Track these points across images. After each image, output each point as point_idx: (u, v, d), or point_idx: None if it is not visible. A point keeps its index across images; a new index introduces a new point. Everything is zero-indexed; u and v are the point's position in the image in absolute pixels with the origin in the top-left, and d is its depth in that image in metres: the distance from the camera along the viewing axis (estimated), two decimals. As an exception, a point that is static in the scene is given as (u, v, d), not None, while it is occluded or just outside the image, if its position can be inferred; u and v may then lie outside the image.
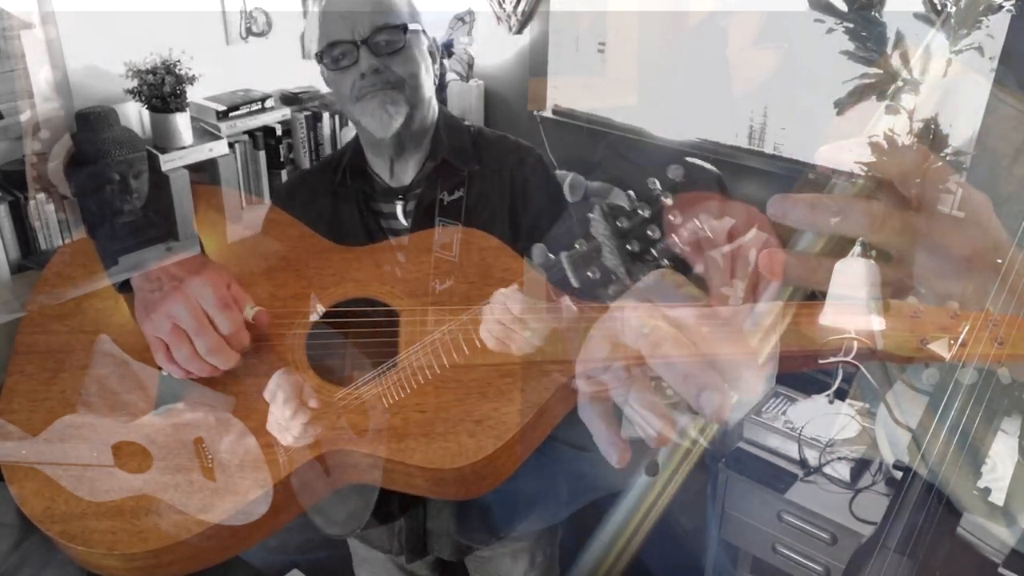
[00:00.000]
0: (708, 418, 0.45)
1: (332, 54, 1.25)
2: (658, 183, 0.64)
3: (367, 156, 1.33)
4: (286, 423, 1.00)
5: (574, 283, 0.76)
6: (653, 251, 0.67)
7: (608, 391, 0.62)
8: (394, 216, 1.30)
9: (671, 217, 0.58)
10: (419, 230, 1.24)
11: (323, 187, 1.33)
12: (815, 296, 0.50)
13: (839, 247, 0.48)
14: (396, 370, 1.04)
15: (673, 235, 0.55)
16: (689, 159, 0.59)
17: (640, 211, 0.69)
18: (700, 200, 0.57)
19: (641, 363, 0.48)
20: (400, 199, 1.30)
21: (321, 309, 1.10)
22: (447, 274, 1.11)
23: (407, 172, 1.31)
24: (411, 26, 1.25)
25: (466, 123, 1.39)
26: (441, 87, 3.16)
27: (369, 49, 1.21)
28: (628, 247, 0.68)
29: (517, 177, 1.32)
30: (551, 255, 0.88)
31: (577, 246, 0.76)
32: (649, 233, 0.67)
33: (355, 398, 1.05)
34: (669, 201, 0.57)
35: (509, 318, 0.98)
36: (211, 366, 1.02)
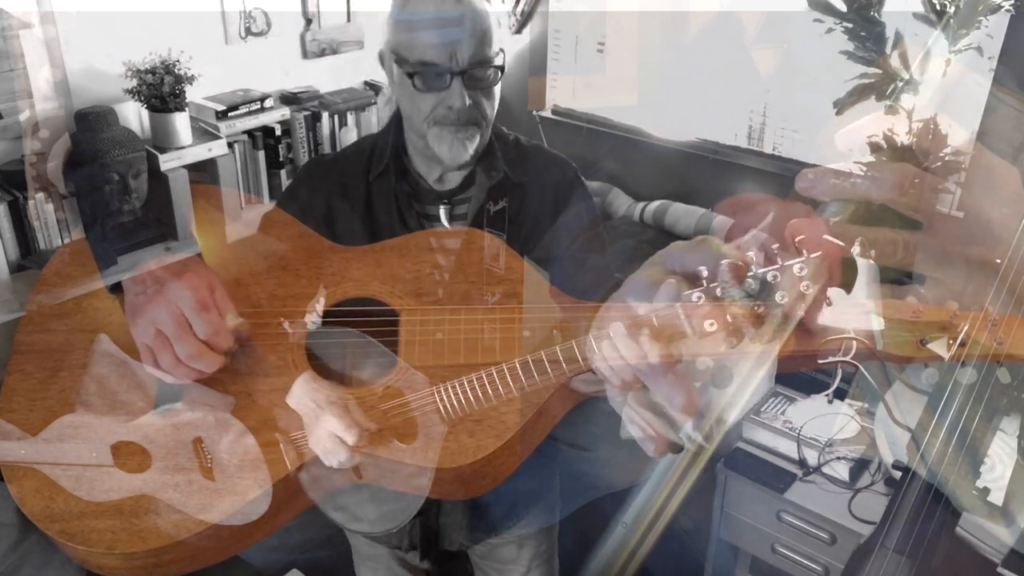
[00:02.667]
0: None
1: (423, 75, 1.19)
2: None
3: (413, 160, 1.31)
4: (342, 449, 0.98)
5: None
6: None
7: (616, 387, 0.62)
8: (438, 219, 1.29)
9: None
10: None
11: (357, 177, 1.30)
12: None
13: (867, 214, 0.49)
14: (399, 370, 1.04)
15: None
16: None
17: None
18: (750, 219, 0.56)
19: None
20: (445, 203, 1.29)
21: (320, 308, 1.09)
22: (496, 284, 1.09)
23: (455, 178, 1.30)
24: (502, 64, 1.22)
25: (511, 135, 1.38)
26: (441, 87, 3.16)
27: (463, 82, 1.19)
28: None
29: (558, 191, 1.32)
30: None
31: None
32: None
33: (354, 396, 1.04)
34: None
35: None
36: (195, 371, 1.02)
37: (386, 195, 1.29)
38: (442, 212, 1.29)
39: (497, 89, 1.24)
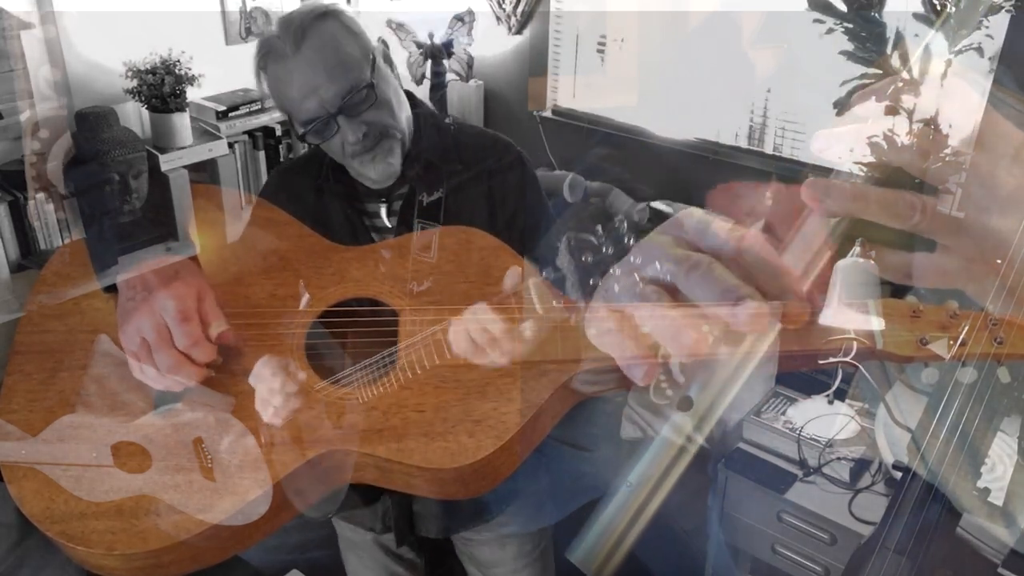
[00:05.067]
0: (745, 327, 0.45)
1: (314, 130, 1.21)
2: (625, 223, 0.65)
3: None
4: (271, 396, 1.01)
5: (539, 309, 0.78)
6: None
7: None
8: (378, 216, 1.29)
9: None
10: (404, 231, 1.24)
11: (308, 183, 1.32)
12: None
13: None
14: (394, 368, 1.04)
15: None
16: (655, 204, 0.59)
17: (605, 248, 0.70)
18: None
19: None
20: (383, 201, 1.29)
21: (307, 299, 1.09)
22: (425, 275, 1.10)
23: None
24: (372, 76, 1.21)
25: (447, 120, 1.37)
26: (441, 87, 3.16)
27: (347, 115, 1.19)
28: (591, 282, 0.69)
29: (495, 176, 1.31)
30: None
31: (543, 274, 0.77)
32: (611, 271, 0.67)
33: (354, 396, 1.05)
34: (631, 242, 0.57)
35: (480, 337, 0.97)
36: (176, 382, 1.02)
37: (333, 197, 1.29)
38: (382, 209, 1.29)
39: (386, 93, 1.22)
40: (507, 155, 1.34)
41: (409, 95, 1.32)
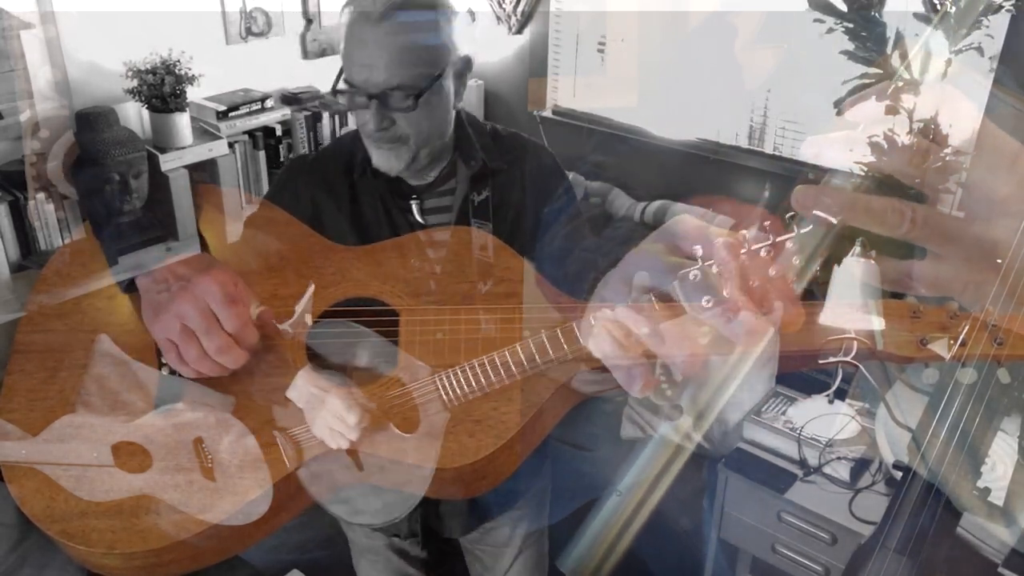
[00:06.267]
0: (738, 338, 0.45)
1: (347, 94, 1.19)
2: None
3: None
4: (345, 428, 1.00)
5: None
6: None
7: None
8: (411, 212, 1.29)
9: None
10: (436, 227, 1.24)
11: (342, 173, 1.31)
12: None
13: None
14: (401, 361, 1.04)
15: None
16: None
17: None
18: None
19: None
20: (415, 198, 1.29)
21: (301, 305, 1.09)
22: (487, 275, 1.09)
23: (429, 173, 1.30)
24: (427, 87, 1.18)
25: (482, 121, 1.38)
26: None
27: (380, 104, 1.17)
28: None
29: (537, 177, 1.32)
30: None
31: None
32: None
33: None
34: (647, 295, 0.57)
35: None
36: (220, 366, 1.02)
37: (371, 192, 1.29)
38: (413, 207, 1.29)
39: (430, 107, 1.20)
40: (545, 157, 1.36)
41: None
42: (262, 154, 2.72)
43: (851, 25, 0.51)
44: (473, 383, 0.99)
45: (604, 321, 0.63)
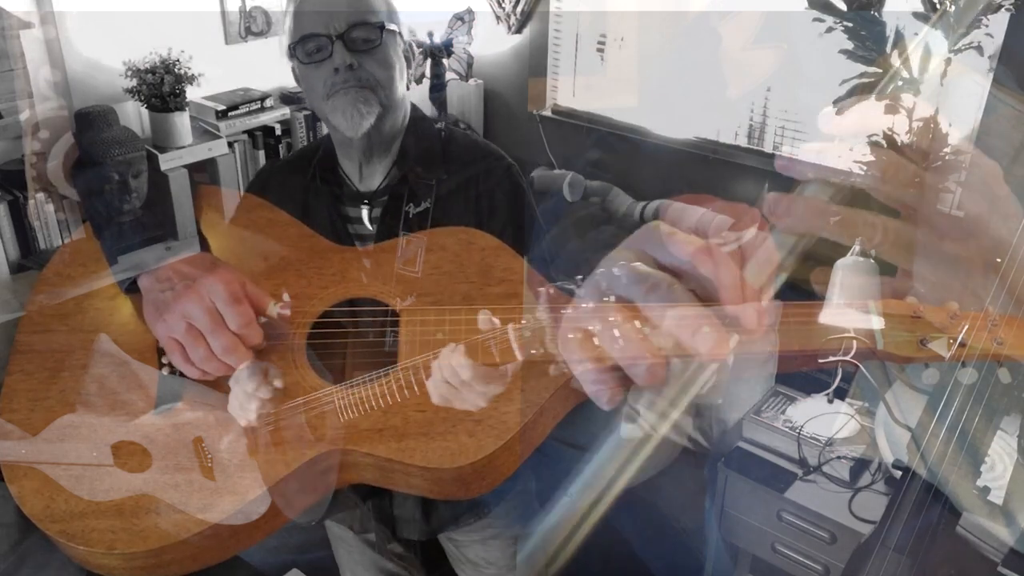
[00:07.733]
0: (704, 356, 0.44)
1: (306, 47, 1.21)
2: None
3: (338, 157, 1.31)
4: (247, 399, 1.01)
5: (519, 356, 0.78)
6: None
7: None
8: (360, 221, 1.28)
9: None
10: (384, 238, 1.21)
11: (296, 182, 1.31)
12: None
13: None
14: (396, 371, 1.04)
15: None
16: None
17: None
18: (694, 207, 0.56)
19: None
20: (366, 204, 1.28)
21: (285, 304, 1.09)
22: (409, 290, 1.09)
23: (375, 176, 1.28)
24: (388, 26, 1.23)
25: (437, 126, 1.35)
26: (440, 87, 3.16)
27: (344, 44, 1.19)
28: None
29: (483, 188, 1.28)
30: None
31: (524, 322, 0.78)
32: None
33: (353, 397, 1.04)
34: (612, 299, 0.56)
35: (456, 380, 0.94)
36: (226, 365, 1.02)
37: (319, 197, 1.28)
38: (364, 213, 1.28)
39: (389, 53, 1.23)
40: (497, 167, 1.30)
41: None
42: (262, 153, 2.72)
43: (850, 24, 0.51)
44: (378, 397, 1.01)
45: (566, 321, 0.62)
